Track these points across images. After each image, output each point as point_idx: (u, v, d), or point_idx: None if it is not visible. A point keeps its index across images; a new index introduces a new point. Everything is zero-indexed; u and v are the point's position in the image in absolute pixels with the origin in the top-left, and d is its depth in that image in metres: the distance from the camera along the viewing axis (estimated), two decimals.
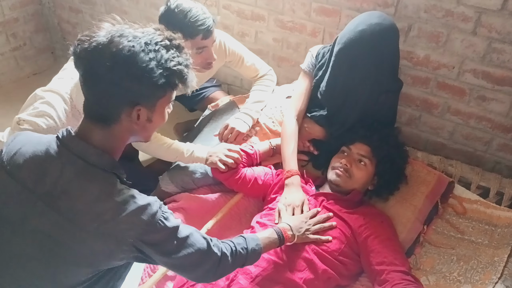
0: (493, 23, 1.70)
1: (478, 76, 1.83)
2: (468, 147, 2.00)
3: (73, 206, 1.01)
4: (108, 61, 0.97)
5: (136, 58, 0.98)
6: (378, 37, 1.58)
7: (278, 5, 2.21)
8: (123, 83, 0.99)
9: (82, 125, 1.07)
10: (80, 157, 1.03)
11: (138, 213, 1.02)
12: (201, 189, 1.88)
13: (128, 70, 0.98)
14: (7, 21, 3.10)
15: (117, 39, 0.98)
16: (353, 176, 1.67)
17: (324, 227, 1.54)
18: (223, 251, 1.20)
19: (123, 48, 0.97)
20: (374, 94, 1.72)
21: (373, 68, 1.63)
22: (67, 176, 1.02)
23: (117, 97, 1.02)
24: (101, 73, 0.98)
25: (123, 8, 2.85)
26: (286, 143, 1.78)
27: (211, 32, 1.74)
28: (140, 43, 0.99)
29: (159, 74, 1.01)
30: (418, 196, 1.74)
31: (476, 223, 1.71)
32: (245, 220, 1.80)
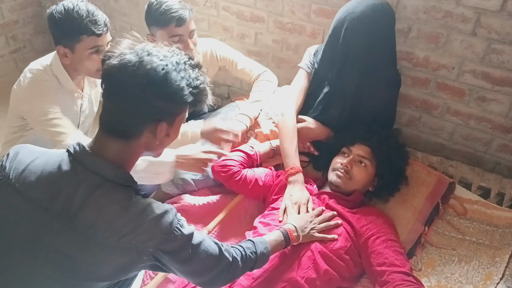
0: (492, 24, 1.70)
1: (477, 77, 1.83)
2: (468, 148, 2.00)
3: (92, 223, 0.99)
4: (142, 79, 0.98)
5: (170, 77, 1.00)
6: (372, 8, 1.62)
7: (278, 7, 2.21)
8: (154, 101, 1.01)
9: (97, 139, 1.06)
10: (97, 174, 1.02)
11: (157, 222, 1.02)
12: (202, 190, 1.89)
13: (161, 89, 1.00)
14: (7, 23, 3.10)
15: (148, 57, 1.00)
16: (353, 178, 1.67)
17: (330, 225, 1.55)
18: (233, 255, 1.21)
19: (157, 66, 0.99)
20: (372, 79, 1.72)
21: (368, 37, 1.65)
22: (84, 193, 1.00)
23: (145, 114, 1.02)
24: (131, 90, 0.99)
25: (122, 10, 2.85)
26: (289, 139, 1.76)
27: (184, 20, 1.84)
28: (172, 62, 1.02)
29: (189, 93, 1.04)
30: (418, 197, 1.74)
31: (477, 223, 1.71)
32: (246, 221, 1.80)
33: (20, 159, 1.07)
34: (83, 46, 1.59)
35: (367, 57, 1.67)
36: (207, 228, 1.69)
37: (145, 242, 1.01)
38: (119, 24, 2.92)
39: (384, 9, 1.64)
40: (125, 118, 1.03)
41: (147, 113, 1.03)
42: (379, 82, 1.74)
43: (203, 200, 1.82)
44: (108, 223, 1.00)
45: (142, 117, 1.03)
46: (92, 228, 0.99)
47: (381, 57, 1.71)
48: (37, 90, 1.65)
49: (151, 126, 1.04)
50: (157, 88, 1.00)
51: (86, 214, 1.00)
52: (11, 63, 3.14)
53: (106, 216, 1.00)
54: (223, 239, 1.70)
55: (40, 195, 1.02)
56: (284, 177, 1.73)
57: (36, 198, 1.02)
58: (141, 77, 0.98)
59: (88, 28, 1.55)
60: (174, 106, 1.05)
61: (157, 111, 1.03)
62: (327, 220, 1.57)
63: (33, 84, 1.66)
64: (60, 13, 1.57)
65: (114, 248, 1.00)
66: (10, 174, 1.05)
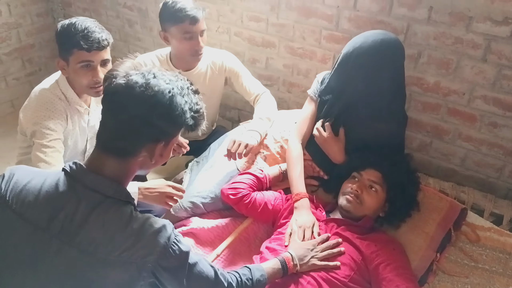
0: (502, 50, 1.71)
1: (488, 103, 1.83)
2: (480, 174, 1.98)
3: (93, 239, 1.00)
4: (149, 100, 1.01)
5: (175, 100, 1.04)
6: (380, 43, 1.62)
7: (289, 32, 2.25)
8: (157, 122, 1.04)
9: (94, 157, 1.08)
10: (96, 191, 1.04)
11: (155, 236, 1.03)
12: (211, 213, 1.88)
13: (166, 111, 1.03)
14: (23, 47, 3.19)
15: (154, 80, 1.03)
16: (364, 203, 1.65)
17: (333, 253, 1.53)
18: (229, 281, 1.20)
19: (164, 89, 1.03)
20: (378, 112, 1.72)
21: (371, 73, 1.66)
22: (85, 211, 1.02)
23: (146, 133, 1.05)
24: (137, 110, 1.02)
25: (137, 35, 2.92)
26: (293, 166, 1.79)
27: (197, 19, 1.94)
28: (177, 86, 1.06)
29: (190, 116, 1.08)
30: (430, 223, 1.72)
31: (490, 251, 1.68)
32: (255, 245, 1.78)
33: (16, 180, 1.07)
34: (74, 59, 1.64)
35: (372, 91, 1.68)
36: (216, 252, 1.68)
37: (145, 256, 1.02)
38: (133, 48, 2.99)
39: (392, 44, 1.65)
40: (126, 137, 1.05)
41: (148, 133, 1.05)
42: (385, 116, 1.74)
43: (212, 223, 1.81)
44: (109, 239, 1.01)
45: (143, 137, 1.05)
46: (93, 244, 1.00)
47: (387, 92, 1.71)
48: (41, 112, 1.69)
49: (149, 146, 1.07)
50: (162, 110, 1.03)
51: (87, 231, 1.01)
52: (26, 85, 3.22)
53: (107, 232, 1.01)
54: (231, 263, 1.69)
55: (38, 215, 1.02)
56: (292, 203, 1.72)
57: (35, 218, 1.02)
58: (148, 98, 1.01)
59: (78, 42, 1.60)
60: (174, 128, 1.09)
61: (158, 131, 1.06)
62: (331, 247, 1.55)
63: (38, 106, 1.70)
64: (62, 26, 1.65)
65: (115, 264, 1.00)
66: (7, 195, 1.05)
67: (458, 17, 1.74)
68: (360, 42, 1.67)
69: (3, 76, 3.15)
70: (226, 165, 1.95)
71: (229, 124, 2.78)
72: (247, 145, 1.84)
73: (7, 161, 2.59)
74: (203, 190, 1.88)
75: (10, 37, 3.10)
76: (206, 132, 2.43)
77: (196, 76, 2.16)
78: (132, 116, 1.02)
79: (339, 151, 1.82)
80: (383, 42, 1.63)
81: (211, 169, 1.98)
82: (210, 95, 2.26)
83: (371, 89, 1.68)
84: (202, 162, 2.13)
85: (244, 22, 2.38)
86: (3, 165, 2.62)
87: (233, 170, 1.94)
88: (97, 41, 1.63)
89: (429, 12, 1.79)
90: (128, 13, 2.88)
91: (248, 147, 1.84)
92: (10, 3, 3.01)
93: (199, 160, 2.16)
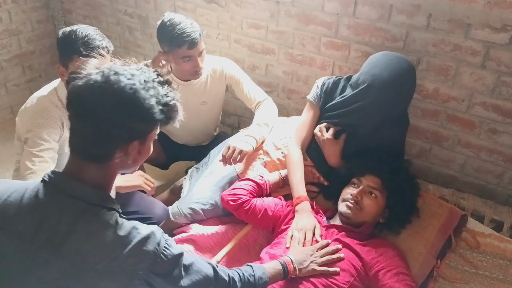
0: (501, 57, 1.72)
1: (488, 109, 1.83)
2: (480, 180, 1.98)
3: (79, 249, 0.97)
4: (110, 99, 0.96)
5: (138, 96, 0.98)
6: (406, 74, 1.64)
7: (288, 39, 2.26)
8: (124, 121, 0.99)
9: (71, 164, 1.03)
10: (79, 199, 1.00)
11: (144, 244, 1.00)
12: (211, 220, 1.88)
13: (130, 108, 0.98)
14: (24, 54, 3.20)
15: (114, 77, 0.97)
16: (363, 209, 1.65)
17: (332, 259, 1.52)
18: (230, 276, 1.19)
19: (125, 86, 0.97)
20: (388, 125, 1.75)
21: (396, 101, 1.68)
22: (68, 220, 0.98)
23: (115, 134, 1.00)
24: (99, 111, 0.97)
25: (137, 42, 2.93)
26: (293, 171, 1.80)
27: (195, 43, 1.95)
28: (140, 81, 0.99)
29: (159, 110, 1.02)
30: (430, 230, 1.72)
31: (490, 257, 1.68)
32: (254, 252, 1.78)
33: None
34: (73, 66, 1.63)
35: (389, 113, 1.70)
36: (216, 258, 1.67)
37: (134, 265, 0.99)
38: (133, 55, 2.98)
39: (411, 71, 1.66)
40: (95, 141, 1.00)
41: (117, 134, 1.00)
42: (390, 122, 1.76)
43: (211, 229, 1.81)
44: (96, 248, 0.98)
45: (113, 138, 1.00)
46: (80, 254, 0.97)
47: (400, 110, 1.76)
48: (36, 120, 1.69)
49: (122, 146, 1.02)
50: (126, 107, 0.97)
51: (73, 241, 0.97)
52: (26, 92, 3.22)
53: (94, 241, 0.98)
54: None
55: (23, 227, 0.99)
56: (293, 208, 1.72)
57: (19, 231, 0.99)
58: (108, 97, 0.96)
59: (79, 49, 1.61)
60: (144, 125, 1.03)
61: (127, 131, 1.01)
62: (330, 253, 1.54)
63: (34, 113, 1.71)
64: (64, 33, 1.66)
65: (104, 274, 0.97)
66: None
67: (457, 24, 1.75)
68: (379, 70, 1.63)
69: (3, 82, 3.16)
70: (226, 171, 1.95)
71: (229, 130, 2.78)
72: (241, 151, 1.87)
73: (7, 166, 2.59)
74: (203, 196, 1.88)
75: (11, 43, 3.11)
76: (208, 138, 2.44)
77: (197, 85, 2.17)
78: (96, 119, 0.97)
79: (335, 154, 1.83)
80: (404, 72, 1.63)
81: (211, 176, 1.98)
82: (212, 103, 2.27)
83: (389, 111, 1.70)
84: (202, 168, 2.13)
85: (244, 29, 2.39)
86: (3, 171, 2.62)
87: (233, 177, 1.94)
88: (97, 48, 1.64)
89: (428, 19, 1.81)
90: (128, 20, 2.89)
91: (242, 153, 1.87)
92: (11, 10, 3.03)
93: (199, 166, 2.16)
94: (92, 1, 3.02)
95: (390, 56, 1.68)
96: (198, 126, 2.34)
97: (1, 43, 3.06)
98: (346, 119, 1.77)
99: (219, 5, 2.41)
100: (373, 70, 1.66)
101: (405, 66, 1.64)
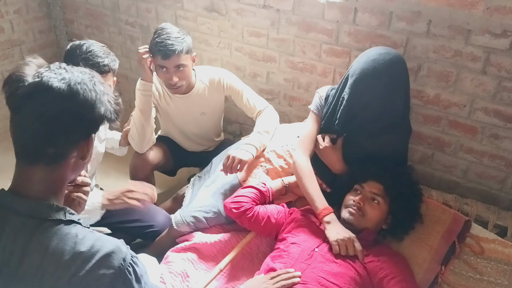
0: (502, 62, 1.72)
1: (489, 114, 1.83)
2: (483, 186, 1.98)
3: (38, 267, 0.92)
4: (70, 94, 0.94)
5: (79, 96, 0.95)
6: (390, 63, 1.62)
7: (289, 47, 2.27)
8: (67, 121, 0.95)
9: (17, 178, 0.99)
10: (31, 216, 0.94)
11: (108, 258, 0.95)
12: (214, 228, 1.88)
13: (72, 108, 0.95)
14: None
15: (68, 74, 0.96)
16: (366, 215, 1.65)
17: (287, 284, 1.48)
18: None
19: (82, 80, 0.96)
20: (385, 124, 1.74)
21: (387, 94, 1.66)
22: (23, 241, 0.93)
23: (78, 130, 0.98)
24: (61, 107, 0.94)
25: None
26: (309, 182, 1.78)
27: (168, 55, 1.96)
28: (76, 80, 0.96)
29: (102, 109, 1.00)
30: (433, 236, 1.71)
31: (495, 263, 1.67)
32: (258, 260, 1.77)
33: None
34: None
35: (387, 111, 1.70)
36: (219, 267, 1.67)
37: (97, 280, 0.93)
38: (134, 64, 3.01)
39: (399, 61, 1.66)
40: (56, 139, 0.96)
41: (79, 129, 0.98)
42: (390, 130, 1.75)
43: (214, 237, 1.81)
44: (55, 264, 0.92)
45: (75, 133, 0.98)
46: (38, 273, 0.92)
47: (402, 107, 1.74)
48: None
49: (72, 149, 0.98)
50: (67, 108, 0.94)
51: (30, 261, 0.93)
52: None
53: (52, 257, 0.93)
54: (234, 278, 1.68)
55: None
56: (319, 219, 1.70)
57: None
58: (69, 91, 0.94)
59: (78, 64, 1.61)
60: (89, 125, 1.00)
61: (88, 124, 0.99)
62: (284, 279, 1.49)
63: None
64: (71, 46, 1.69)
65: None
66: None
67: (457, 30, 1.76)
68: (370, 67, 1.63)
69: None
70: (227, 179, 1.96)
71: (231, 138, 2.78)
72: (240, 161, 1.89)
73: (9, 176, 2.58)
74: (206, 204, 1.88)
75: (13, 54, 3.13)
76: (212, 144, 2.44)
77: (195, 97, 2.18)
78: (58, 113, 0.94)
79: (337, 160, 1.83)
80: (392, 63, 1.63)
81: (213, 184, 1.98)
82: (211, 113, 2.29)
83: (387, 109, 1.69)
84: (204, 177, 2.13)
85: (245, 37, 2.40)
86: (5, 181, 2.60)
87: (235, 184, 1.94)
88: (97, 65, 1.64)
89: (428, 25, 1.81)
90: (130, 30, 2.91)
91: (242, 162, 1.89)
92: (13, 20, 3.05)
93: (201, 175, 2.17)
94: (94, 11, 3.04)
95: (376, 51, 1.68)
96: (199, 134, 2.36)
97: (4, 53, 3.08)
98: (338, 123, 1.77)
99: (220, 13, 2.42)
100: (361, 65, 1.67)
101: (393, 56, 1.64)
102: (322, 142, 1.84)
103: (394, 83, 1.65)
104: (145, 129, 2.08)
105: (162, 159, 2.27)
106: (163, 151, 2.29)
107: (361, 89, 1.66)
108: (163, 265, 1.71)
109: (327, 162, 1.86)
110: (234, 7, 2.35)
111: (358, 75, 1.66)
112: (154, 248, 1.93)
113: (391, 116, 1.71)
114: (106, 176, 2.63)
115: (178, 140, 2.38)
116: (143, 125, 2.07)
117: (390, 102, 1.68)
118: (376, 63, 1.63)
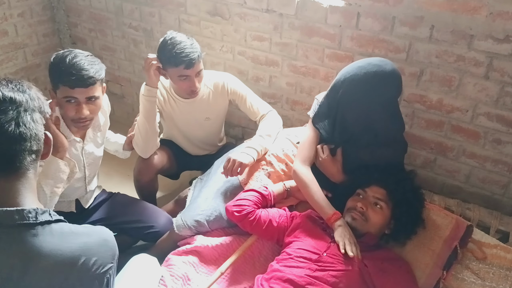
0: (505, 67, 1.72)
1: (492, 119, 1.83)
2: (485, 191, 1.98)
3: (44, 273, 0.93)
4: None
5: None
6: (374, 77, 1.63)
7: (292, 51, 2.28)
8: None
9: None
10: (18, 226, 0.92)
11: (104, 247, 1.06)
12: (215, 231, 1.87)
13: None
14: (30, 67, 3.23)
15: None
16: (369, 220, 1.65)
17: None
18: None
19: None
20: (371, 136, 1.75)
21: (363, 103, 1.67)
22: (18, 252, 0.92)
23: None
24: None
25: (141, 54, 2.95)
26: (313, 190, 1.77)
27: (192, 64, 1.96)
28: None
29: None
30: (436, 241, 1.71)
31: (497, 268, 1.66)
32: (259, 263, 1.77)
33: None
34: (60, 93, 1.64)
35: (364, 121, 1.71)
36: (220, 270, 1.67)
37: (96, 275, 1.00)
38: (137, 67, 3.02)
39: (386, 77, 1.64)
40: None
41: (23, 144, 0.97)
42: (382, 143, 1.76)
43: (216, 241, 1.80)
44: (58, 265, 0.95)
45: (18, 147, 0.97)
46: (46, 278, 0.93)
47: (379, 120, 1.72)
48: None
49: (27, 156, 0.98)
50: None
51: (34, 269, 0.92)
52: None
53: (54, 258, 0.94)
54: (235, 282, 1.68)
55: None
56: (330, 223, 1.69)
57: None
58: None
59: (63, 78, 1.60)
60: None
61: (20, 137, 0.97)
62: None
63: None
64: (55, 59, 1.64)
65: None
66: None
67: (460, 35, 1.76)
68: (352, 72, 1.67)
69: None
70: (229, 182, 1.96)
71: (233, 141, 2.79)
72: (241, 164, 1.89)
73: None
74: (207, 208, 1.88)
75: (17, 56, 3.14)
76: (214, 147, 2.46)
77: (198, 102, 2.18)
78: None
79: (337, 172, 1.84)
80: (376, 76, 1.63)
81: (215, 187, 1.98)
82: (215, 118, 2.30)
83: (362, 119, 1.71)
84: (205, 179, 2.13)
85: (248, 42, 2.41)
86: None
87: (236, 187, 1.94)
88: (81, 79, 1.60)
89: (430, 30, 1.82)
90: (133, 33, 2.92)
91: (242, 165, 1.90)
92: (17, 23, 3.06)
93: (203, 177, 2.17)
94: (98, 15, 3.06)
95: (368, 61, 1.69)
96: (202, 139, 2.36)
97: (7, 56, 3.09)
98: (334, 133, 1.78)
99: (223, 18, 2.43)
100: (346, 69, 1.71)
101: (381, 70, 1.63)
102: (322, 155, 1.85)
103: (370, 96, 1.65)
104: (149, 135, 2.09)
105: (166, 163, 2.27)
106: (167, 155, 2.29)
107: (339, 92, 1.70)
108: (164, 268, 1.71)
109: (327, 174, 1.86)
110: (237, 11, 2.36)
111: (339, 78, 1.71)
112: (155, 251, 1.93)
113: (369, 126, 1.71)
114: (109, 178, 2.64)
115: (182, 144, 2.38)
116: (147, 131, 2.07)
117: (365, 113, 1.69)
118: (360, 70, 1.65)
